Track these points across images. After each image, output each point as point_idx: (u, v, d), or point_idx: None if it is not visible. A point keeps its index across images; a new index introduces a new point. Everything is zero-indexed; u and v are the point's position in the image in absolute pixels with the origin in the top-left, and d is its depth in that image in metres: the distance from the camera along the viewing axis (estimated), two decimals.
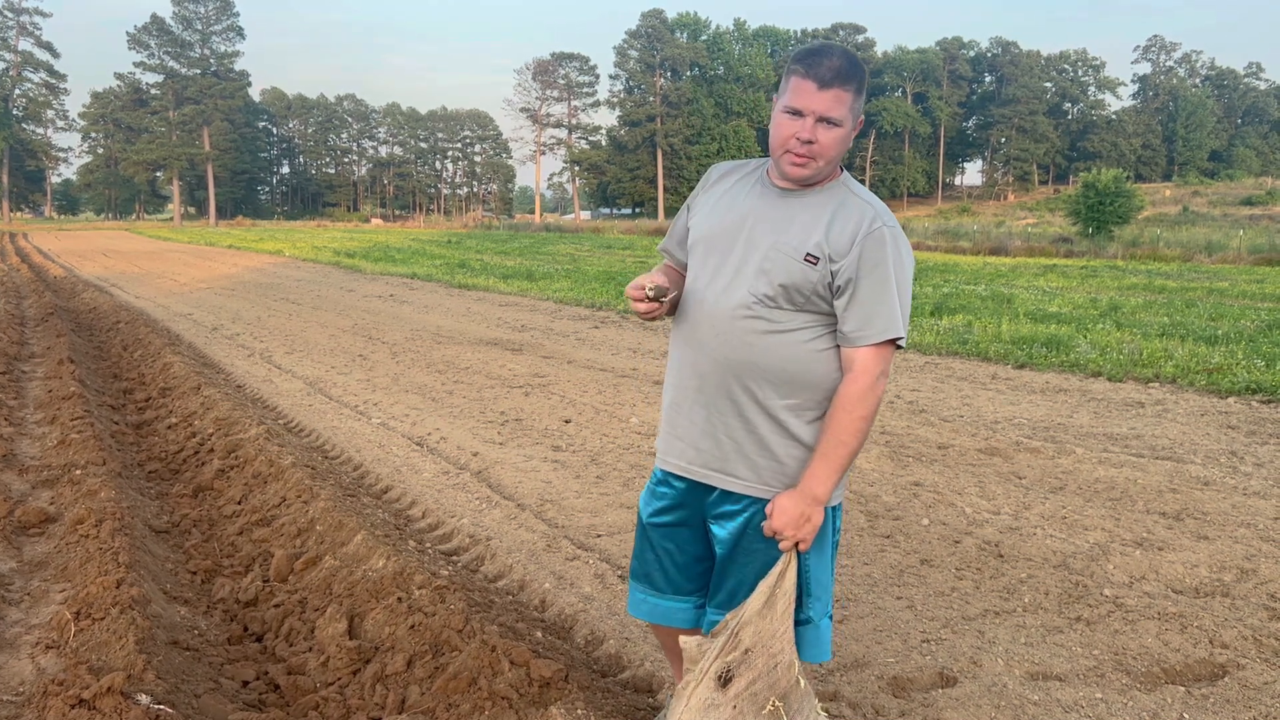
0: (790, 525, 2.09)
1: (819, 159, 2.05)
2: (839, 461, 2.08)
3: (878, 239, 2.04)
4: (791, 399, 2.13)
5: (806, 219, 2.10)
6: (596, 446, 5.98)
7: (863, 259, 2.04)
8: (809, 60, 2.03)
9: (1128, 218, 34.38)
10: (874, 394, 2.06)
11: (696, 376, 2.20)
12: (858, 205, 2.10)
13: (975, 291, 15.85)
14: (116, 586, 3.29)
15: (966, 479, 5.20)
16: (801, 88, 2.03)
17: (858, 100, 2.06)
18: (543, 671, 2.73)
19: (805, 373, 2.11)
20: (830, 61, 2.01)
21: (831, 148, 2.05)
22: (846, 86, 2.02)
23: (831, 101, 2.01)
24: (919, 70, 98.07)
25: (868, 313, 2.04)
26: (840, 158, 2.11)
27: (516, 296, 16.00)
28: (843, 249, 2.05)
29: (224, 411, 6.34)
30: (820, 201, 2.11)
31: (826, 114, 2.02)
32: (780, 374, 2.11)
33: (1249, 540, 4.23)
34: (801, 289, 2.07)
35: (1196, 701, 2.89)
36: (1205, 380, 7.80)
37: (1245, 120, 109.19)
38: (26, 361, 9.03)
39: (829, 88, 2.01)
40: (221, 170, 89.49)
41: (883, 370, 2.07)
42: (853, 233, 2.05)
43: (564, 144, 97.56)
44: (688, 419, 2.23)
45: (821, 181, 2.14)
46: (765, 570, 2.15)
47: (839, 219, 2.07)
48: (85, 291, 17.04)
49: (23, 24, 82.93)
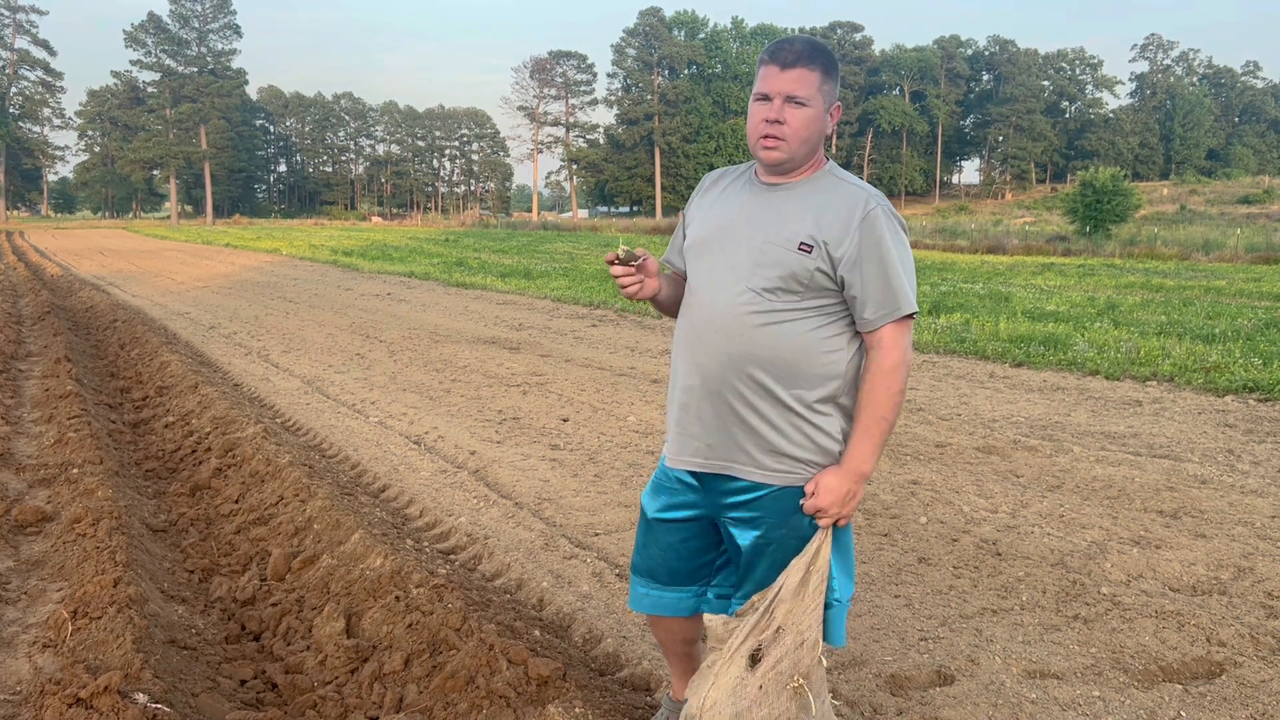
0: (836, 502, 2.13)
1: (790, 140, 2.10)
2: (880, 435, 2.13)
3: (873, 221, 2.09)
4: (796, 387, 2.16)
5: (795, 209, 2.14)
6: (594, 445, 5.98)
7: (863, 244, 2.08)
8: (774, 48, 2.13)
9: (1125, 216, 34.40)
10: (904, 367, 2.13)
11: (701, 374, 2.22)
12: (847, 191, 2.13)
13: (973, 290, 15.86)
14: (114, 585, 3.29)
15: (964, 477, 5.20)
16: (767, 73, 2.11)
17: (827, 82, 2.11)
18: (540, 670, 2.73)
19: (807, 360, 2.14)
20: (793, 46, 2.11)
21: (802, 128, 2.10)
22: (811, 66, 2.09)
23: (795, 81, 2.08)
24: (917, 69, 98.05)
25: (881, 295, 2.09)
26: (815, 141, 2.14)
27: (514, 295, 15.99)
28: (838, 236, 2.09)
29: (221, 410, 6.34)
30: (807, 191, 2.16)
31: (791, 93, 2.08)
32: (784, 363, 2.14)
33: (1246, 538, 4.23)
34: (800, 278, 2.11)
35: (1194, 699, 2.90)
36: (1202, 379, 7.81)
37: (1243, 119, 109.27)
38: (23, 360, 9.01)
39: (792, 68, 2.08)
40: (219, 169, 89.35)
41: (908, 344, 2.14)
42: (846, 218, 2.09)
43: (561, 142, 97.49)
44: (696, 417, 2.25)
45: (805, 171, 2.18)
46: (790, 552, 2.17)
47: (830, 206, 2.12)
48: (82, 290, 17.01)
49: (19, 22, 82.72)
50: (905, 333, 2.12)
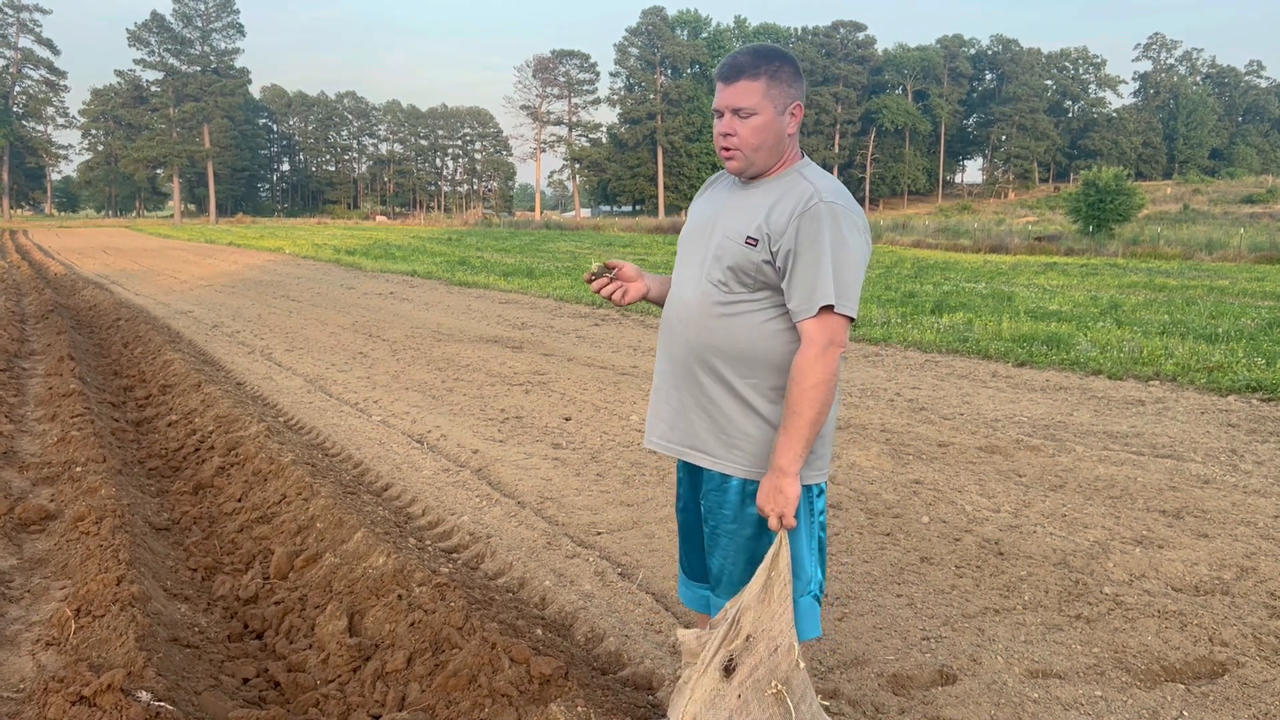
0: (766, 500, 2.15)
1: (743, 149, 2.19)
2: (797, 431, 2.11)
3: (813, 215, 2.11)
4: (751, 377, 2.22)
5: (755, 205, 2.21)
6: (597, 444, 5.98)
7: (800, 235, 2.12)
8: (720, 65, 2.22)
9: (1128, 216, 34.33)
10: (822, 363, 2.10)
11: (669, 361, 2.35)
12: (801, 188, 2.18)
13: (975, 289, 15.85)
14: (117, 584, 3.29)
15: (966, 477, 5.20)
16: (717, 90, 2.22)
17: (774, 86, 2.16)
18: (543, 669, 2.74)
19: (761, 351, 2.20)
20: (735, 60, 2.19)
21: (751, 136, 2.17)
22: (753, 76, 2.15)
23: (739, 94, 2.16)
24: (919, 68, 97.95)
25: (808, 286, 2.11)
26: (773, 144, 2.19)
27: (517, 294, 16.00)
28: (780, 227, 2.14)
29: (224, 409, 6.34)
30: (771, 188, 2.23)
31: (736, 105, 2.17)
32: (738, 353, 2.22)
33: (1249, 538, 4.23)
34: (746, 270, 2.18)
35: (1196, 699, 2.89)
36: (1205, 378, 7.80)
37: (1246, 118, 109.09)
38: (27, 359, 9.03)
39: (735, 81, 2.17)
40: (222, 167, 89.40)
41: (830, 340, 2.11)
42: (790, 211, 2.14)
43: (564, 141, 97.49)
44: (664, 400, 2.38)
45: (774, 171, 2.25)
46: (739, 547, 2.25)
47: (783, 201, 2.17)
48: (85, 289, 17.04)
49: (23, 21, 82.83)
50: (826, 329, 2.11)
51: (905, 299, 13.95)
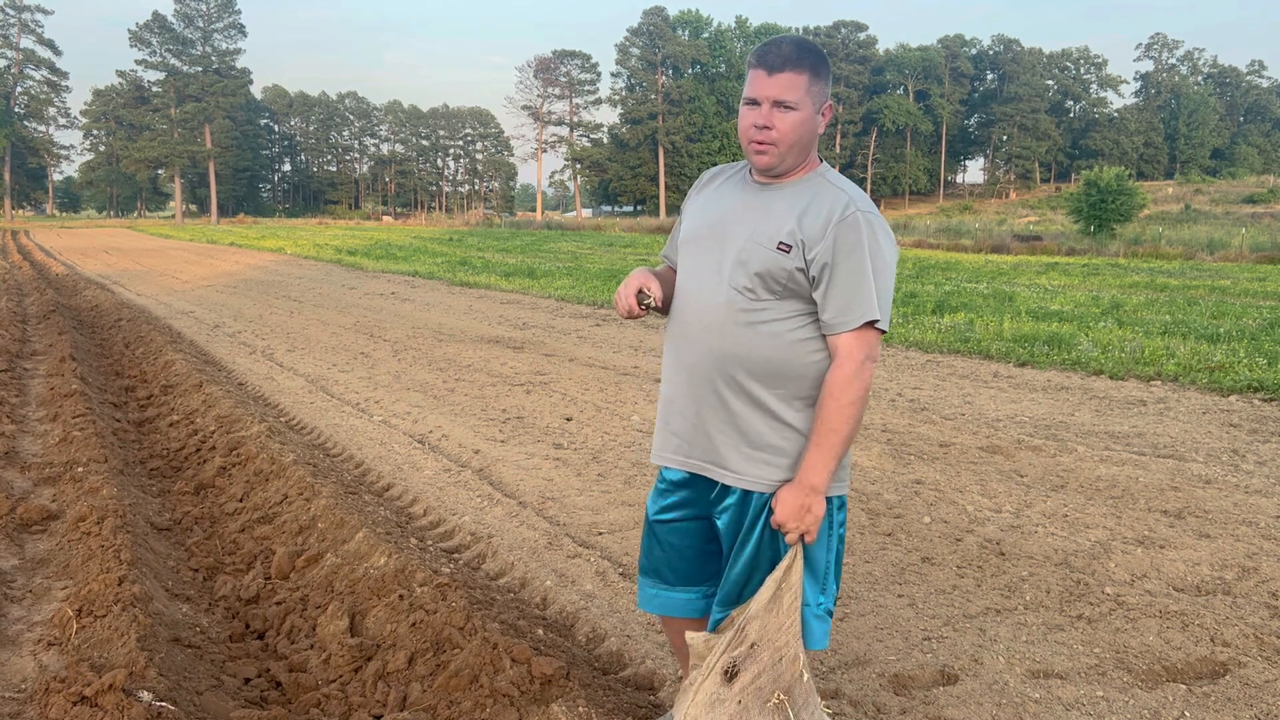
0: (792, 517, 2.09)
1: (779, 144, 2.09)
2: (832, 449, 2.07)
3: (851, 224, 2.05)
4: (779, 389, 2.14)
5: (781, 209, 2.12)
6: (598, 444, 5.98)
7: (837, 245, 2.05)
8: (760, 52, 2.10)
9: (1130, 216, 34.34)
10: (860, 379, 2.06)
11: (686, 371, 2.22)
12: (832, 193, 2.11)
13: (977, 289, 15.84)
14: (118, 584, 3.30)
15: (968, 477, 5.19)
16: (755, 77, 2.09)
17: (815, 84, 2.08)
18: (544, 669, 2.74)
19: (789, 362, 2.12)
20: (780, 49, 2.07)
21: (790, 132, 2.07)
22: (798, 70, 2.06)
23: (783, 86, 2.06)
24: (921, 68, 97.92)
25: (845, 299, 2.05)
26: (806, 143, 2.12)
27: (518, 294, 16.00)
28: (816, 236, 2.06)
29: (225, 409, 6.35)
30: (795, 192, 2.14)
31: (779, 98, 2.06)
32: (764, 364, 2.13)
33: (1250, 538, 4.22)
34: (776, 277, 2.09)
35: (1198, 699, 2.89)
36: (1207, 378, 7.80)
37: (1247, 118, 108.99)
38: (28, 359, 9.04)
39: (779, 72, 2.05)
40: (223, 168, 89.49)
41: (867, 355, 2.07)
42: (825, 219, 2.07)
43: (565, 141, 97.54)
44: (680, 414, 2.25)
45: (797, 172, 2.16)
46: (764, 562, 2.16)
47: (813, 207, 2.09)
48: (87, 289, 17.05)
49: (24, 21, 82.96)
50: (865, 343, 2.06)
51: (907, 299, 13.95)
